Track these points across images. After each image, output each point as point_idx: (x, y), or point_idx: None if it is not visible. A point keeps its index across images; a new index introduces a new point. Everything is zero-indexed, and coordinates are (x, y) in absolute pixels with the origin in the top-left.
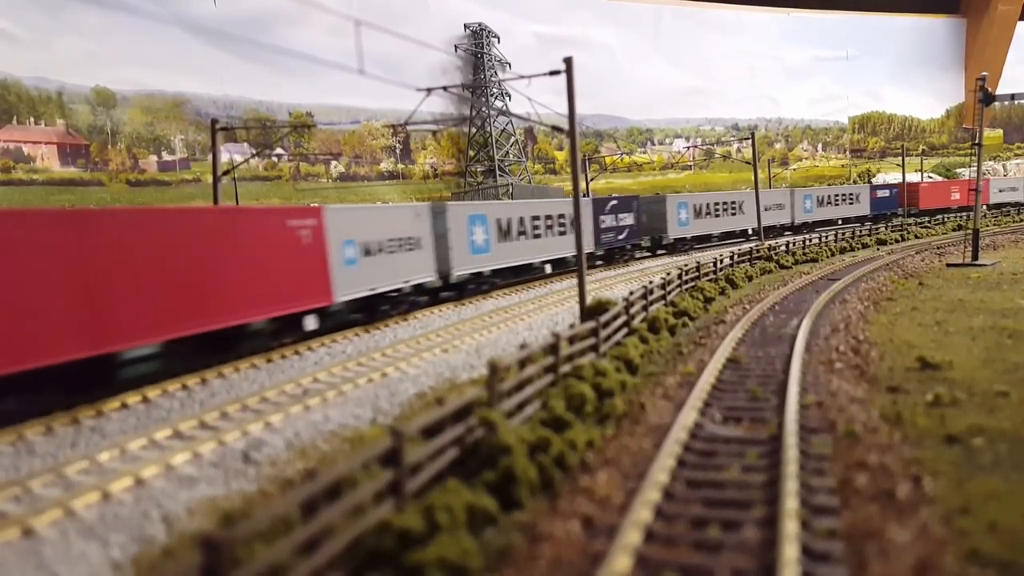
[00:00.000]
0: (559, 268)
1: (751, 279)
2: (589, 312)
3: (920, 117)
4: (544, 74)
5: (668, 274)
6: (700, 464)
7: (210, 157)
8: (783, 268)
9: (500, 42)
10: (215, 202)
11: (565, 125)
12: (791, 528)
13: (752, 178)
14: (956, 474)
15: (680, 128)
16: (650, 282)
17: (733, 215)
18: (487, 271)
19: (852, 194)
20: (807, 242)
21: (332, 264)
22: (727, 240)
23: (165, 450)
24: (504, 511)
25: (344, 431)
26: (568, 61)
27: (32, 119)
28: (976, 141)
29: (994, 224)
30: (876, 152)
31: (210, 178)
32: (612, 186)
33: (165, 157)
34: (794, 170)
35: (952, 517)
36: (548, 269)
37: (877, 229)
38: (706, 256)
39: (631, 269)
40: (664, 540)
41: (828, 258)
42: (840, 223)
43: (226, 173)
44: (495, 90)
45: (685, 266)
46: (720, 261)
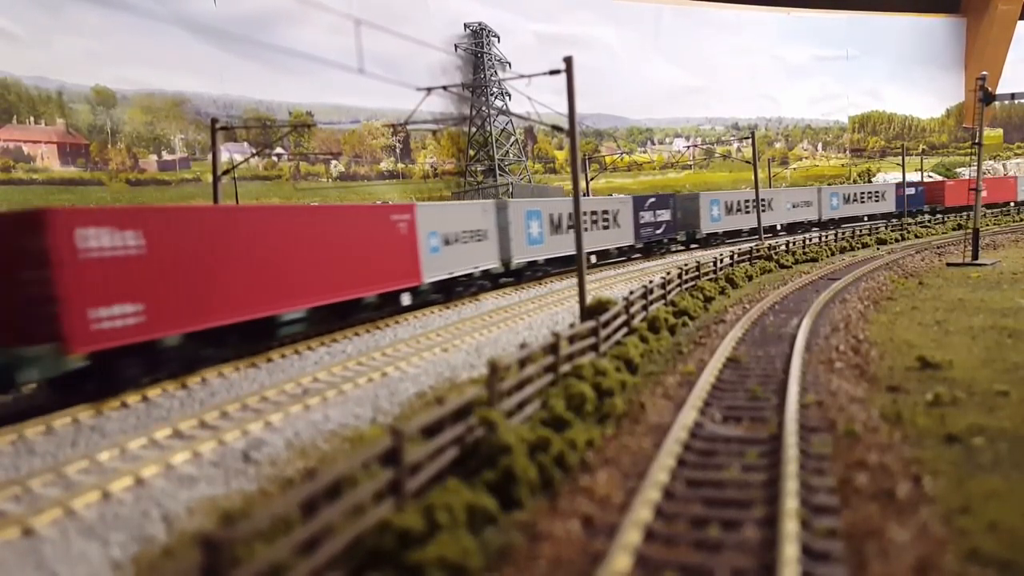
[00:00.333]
0: (603, 259)
1: (751, 278)
2: (589, 311)
3: (920, 116)
4: (544, 73)
5: (668, 273)
6: (700, 463)
7: (210, 156)
8: (783, 268)
9: (500, 41)
10: (215, 201)
11: (565, 124)
12: (791, 527)
13: (752, 177)
14: (956, 473)
15: (680, 127)
16: (650, 281)
17: (762, 211)
18: (541, 260)
19: (878, 192)
20: (807, 241)
21: (421, 251)
22: (756, 236)
23: (165, 449)
24: (504, 510)
25: (344, 430)
26: (568, 60)
27: (32, 118)
28: (976, 140)
29: (994, 224)
30: (876, 151)
31: (210, 177)
32: (612, 185)
33: (165, 156)
34: (794, 169)
35: (952, 516)
36: (593, 259)
37: (877, 228)
38: (706, 255)
39: (631, 268)
40: (664, 539)
41: (828, 257)
42: (866, 220)
43: (226, 172)
44: (495, 89)
45: (685, 265)
46: (720, 260)
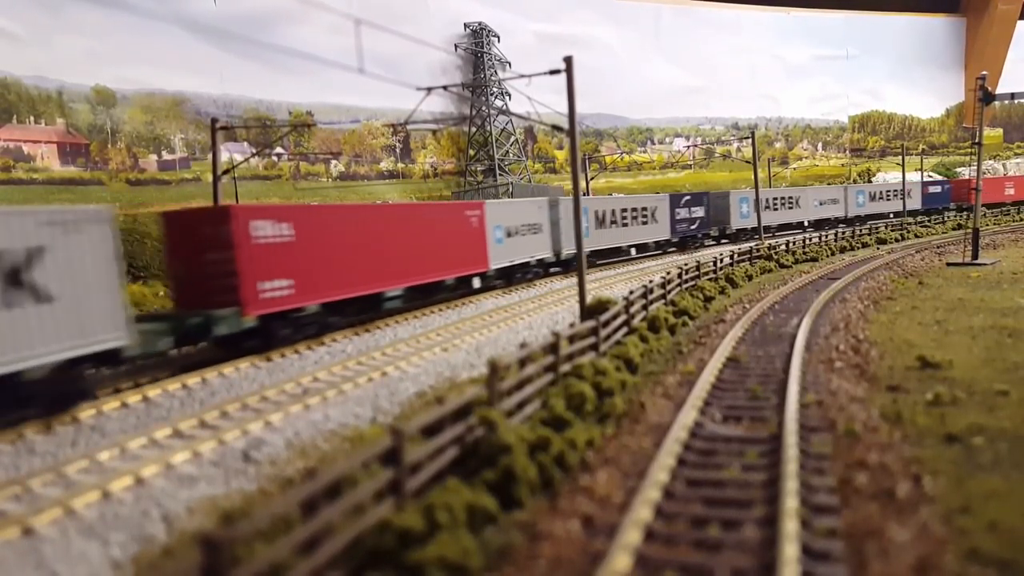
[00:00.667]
0: (641, 252)
1: (751, 278)
2: (589, 311)
3: (920, 116)
4: (544, 73)
5: (668, 273)
6: (700, 463)
7: (210, 156)
8: (783, 267)
9: (500, 41)
10: (215, 201)
11: (565, 124)
12: (791, 527)
13: (752, 177)
14: (956, 473)
15: (680, 127)
16: (650, 281)
17: (790, 209)
18: (587, 251)
19: (904, 189)
20: (807, 241)
21: (489, 242)
22: (784, 231)
23: (165, 449)
24: (504, 510)
25: (344, 430)
26: (568, 60)
27: (32, 118)
28: (976, 140)
29: (994, 224)
30: (876, 151)
31: (210, 177)
32: (612, 185)
33: (165, 156)
34: (794, 169)
35: (952, 516)
36: (633, 252)
37: (877, 228)
38: (706, 255)
39: (631, 268)
40: (664, 539)
41: (828, 257)
42: (892, 216)
43: (226, 172)
44: (495, 89)
45: (685, 265)
46: (720, 260)
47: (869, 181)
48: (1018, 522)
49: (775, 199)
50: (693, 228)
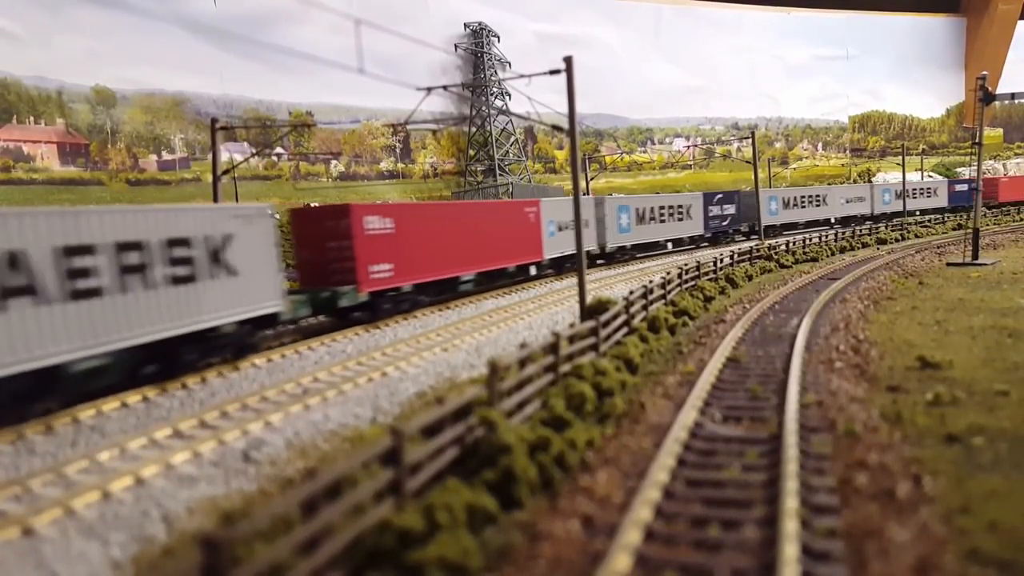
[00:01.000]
0: (677, 246)
1: (751, 278)
2: (589, 311)
3: (920, 116)
4: (544, 73)
5: (668, 273)
6: (700, 463)
7: (210, 156)
8: (783, 267)
9: (500, 41)
10: (215, 201)
11: (565, 124)
12: (791, 527)
13: (752, 177)
14: (956, 473)
15: (680, 127)
16: (650, 281)
17: (817, 206)
18: (629, 245)
19: (930, 188)
20: (807, 241)
21: (543, 235)
22: (811, 227)
23: (165, 449)
24: (504, 510)
25: (344, 430)
26: (568, 60)
27: (32, 118)
28: (976, 140)
29: (994, 224)
30: (876, 151)
31: (210, 177)
32: (612, 185)
33: (165, 156)
34: (794, 169)
35: (952, 516)
36: (670, 246)
37: (877, 228)
38: (706, 255)
39: (631, 268)
40: (664, 539)
41: (828, 257)
42: (918, 214)
43: (226, 172)
44: (495, 89)
45: (685, 265)
46: (720, 260)
47: (869, 181)
48: (1018, 522)
49: (803, 197)
50: (724, 224)
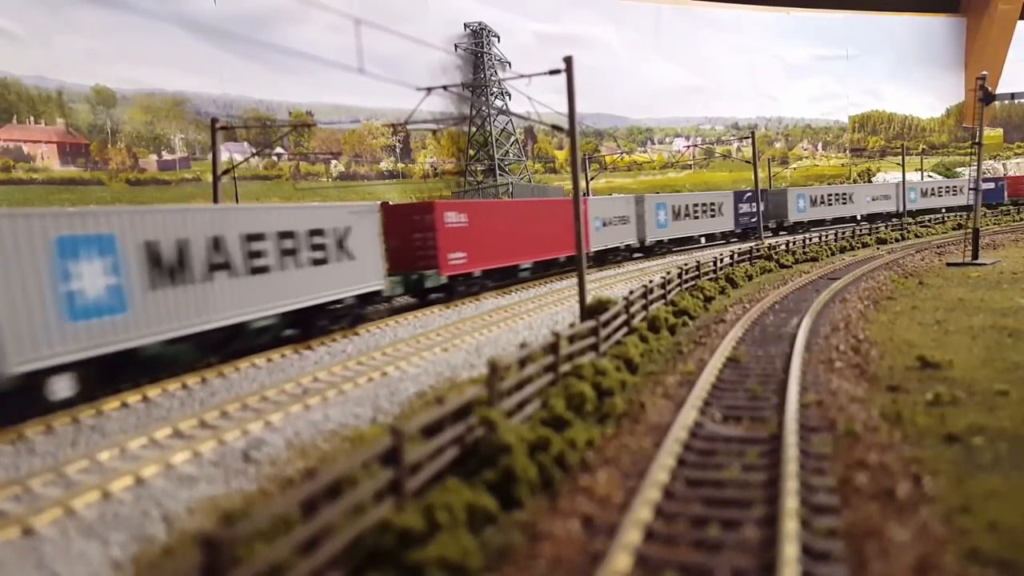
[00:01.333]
0: (710, 241)
1: (751, 278)
2: (589, 311)
3: (920, 116)
4: (544, 73)
5: (668, 273)
6: (700, 463)
7: (210, 156)
8: (783, 267)
9: (500, 41)
10: (215, 201)
11: (565, 124)
12: (791, 527)
13: (752, 177)
14: (956, 473)
15: (680, 127)
16: (650, 281)
17: (843, 204)
18: (666, 239)
19: (955, 186)
20: (807, 241)
21: (590, 230)
22: (837, 224)
23: (165, 449)
24: (504, 510)
25: (344, 430)
26: (568, 60)
27: (32, 118)
28: (976, 140)
29: (994, 224)
30: (876, 151)
31: (210, 177)
32: (612, 185)
33: (165, 156)
34: (794, 169)
35: (952, 516)
36: (703, 241)
37: (877, 228)
38: (706, 255)
39: (631, 268)
40: (664, 539)
41: (828, 257)
42: (944, 211)
43: (226, 172)
44: (495, 89)
45: (685, 265)
46: (720, 260)
47: (869, 181)
48: (1018, 522)
49: (830, 195)
50: (754, 221)
